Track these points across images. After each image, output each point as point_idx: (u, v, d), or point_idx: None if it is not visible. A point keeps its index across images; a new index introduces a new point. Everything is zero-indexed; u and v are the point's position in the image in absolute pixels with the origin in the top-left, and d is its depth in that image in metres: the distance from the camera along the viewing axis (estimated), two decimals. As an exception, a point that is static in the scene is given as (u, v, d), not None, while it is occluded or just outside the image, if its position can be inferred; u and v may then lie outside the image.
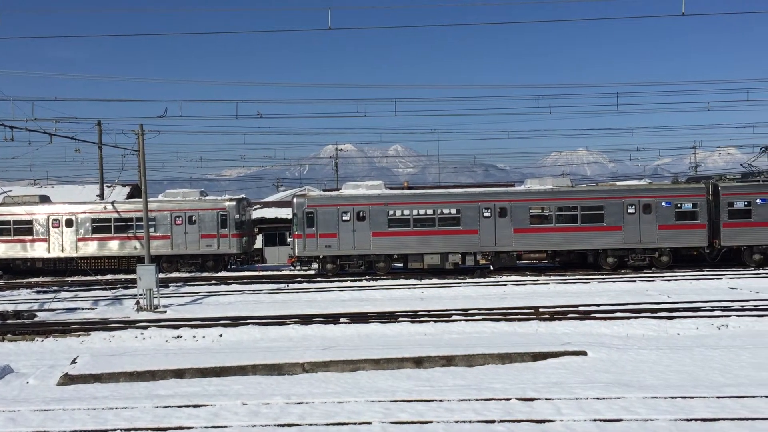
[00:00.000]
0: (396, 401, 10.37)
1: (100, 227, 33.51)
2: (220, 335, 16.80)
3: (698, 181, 31.71)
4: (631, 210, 29.45)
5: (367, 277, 29.34)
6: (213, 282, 29.08)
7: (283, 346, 15.10)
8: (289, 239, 35.16)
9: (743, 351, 13.32)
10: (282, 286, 27.33)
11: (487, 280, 27.70)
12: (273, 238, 39.55)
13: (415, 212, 30.13)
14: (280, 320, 18.45)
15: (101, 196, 39.76)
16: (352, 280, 28.55)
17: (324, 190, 38.60)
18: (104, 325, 18.66)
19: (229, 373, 12.94)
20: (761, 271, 27.79)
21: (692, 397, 9.99)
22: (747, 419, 8.91)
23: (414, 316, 18.51)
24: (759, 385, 10.72)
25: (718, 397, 9.95)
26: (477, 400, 10.28)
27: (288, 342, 15.88)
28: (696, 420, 8.92)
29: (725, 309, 18.26)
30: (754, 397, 9.95)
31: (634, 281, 25.80)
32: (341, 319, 18.08)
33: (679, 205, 29.44)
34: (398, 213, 30.17)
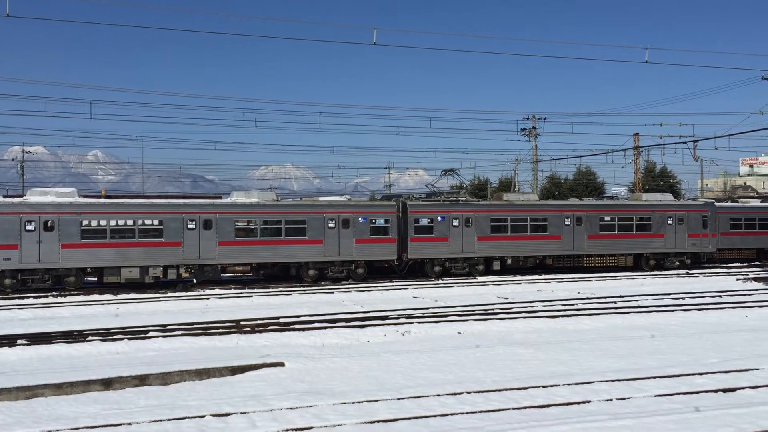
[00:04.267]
0: (78, 429, 9.51)
1: None
2: None
3: (390, 199, 34.55)
4: (331, 225, 30.99)
5: (54, 293, 26.67)
6: None
7: (-59, 376, 12.96)
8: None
9: (422, 355, 14.73)
10: (-55, 305, 23.59)
11: (189, 293, 26.98)
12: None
13: (113, 223, 28.21)
14: (-61, 345, 15.83)
15: None
16: (35, 297, 25.72)
17: (5, 197, 34.23)
18: None
19: None
20: (440, 281, 31.14)
21: (376, 400, 10.74)
22: (421, 417, 9.82)
23: (106, 334, 17.26)
24: (434, 385, 11.90)
25: (398, 399, 10.84)
26: (170, 419, 9.88)
27: (-52, 370, 13.67)
28: (378, 422, 9.60)
29: (409, 317, 20.06)
30: (428, 396, 11.02)
31: (333, 293, 27.15)
32: (18, 341, 16.12)
33: (373, 221, 31.74)
34: (93, 223, 27.99)
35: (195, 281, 29.73)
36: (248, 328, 18.22)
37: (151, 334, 17.24)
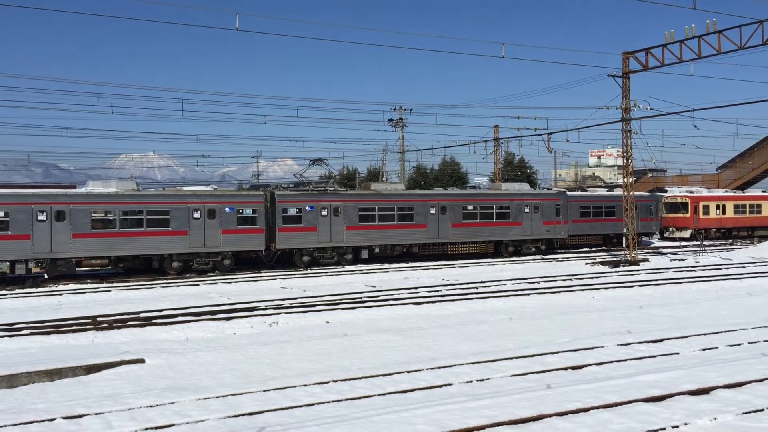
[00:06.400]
0: None
1: None
2: None
3: (258, 189, 34.02)
4: (196, 215, 30.08)
5: None
6: None
7: None
8: None
9: (289, 345, 14.67)
10: None
11: (39, 290, 25.28)
12: None
13: (-50, 214, 25.86)
14: None
15: None
16: None
17: None
18: None
19: None
20: (309, 271, 31.10)
21: (242, 393, 10.58)
22: (287, 408, 9.77)
23: (-57, 337, 15.81)
24: (300, 375, 11.88)
25: (264, 391, 10.73)
26: (15, 425, 9.21)
27: None
28: (243, 415, 9.44)
29: (277, 307, 19.88)
30: (294, 387, 10.98)
31: (198, 285, 26.41)
32: None
33: (240, 211, 31.14)
34: (-73, 215, 25.52)
35: (46, 276, 27.90)
36: (105, 325, 17.34)
37: (-5, 334, 15.98)
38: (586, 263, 34.08)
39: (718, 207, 51.50)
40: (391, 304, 20.23)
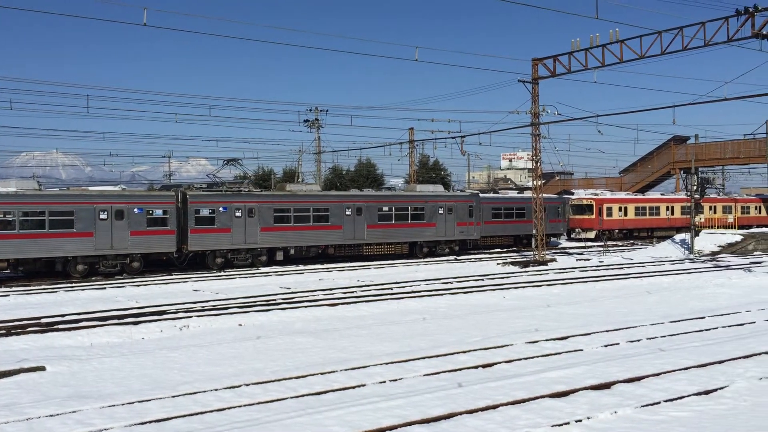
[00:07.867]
0: None
1: None
2: None
3: (170, 189, 33.11)
4: (103, 216, 29.00)
5: None
6: None
7: None
8: None
9: (201, 349, 14.34)
10: None
11: (-70, 295, 23.69)
12: None
13: None
14: None
15: None
16: None
17: None
18: None
19: None
20: (222, 273, 30.51)
21: (149, 400, 10.26)
22: (197, 414, 9.54)
23: None
24: (212, 379, 11.63)
25: (173, 396, 10.44)
26: None
27: None
28: (150, 422, 9.16)
29: (188, 310, 19.39)
30: (205, 391, 10.75)
31: (105, 288, 25.44)
32: None
33: (150, 212, 30.22)
34: None
35: (-63, 281, 26.23)
36: (3, 331, 16.44)
37: None
38: (498, 263, 34.94)
39: (620, 209, 53.92)
40: (306, 306, 20.10)
